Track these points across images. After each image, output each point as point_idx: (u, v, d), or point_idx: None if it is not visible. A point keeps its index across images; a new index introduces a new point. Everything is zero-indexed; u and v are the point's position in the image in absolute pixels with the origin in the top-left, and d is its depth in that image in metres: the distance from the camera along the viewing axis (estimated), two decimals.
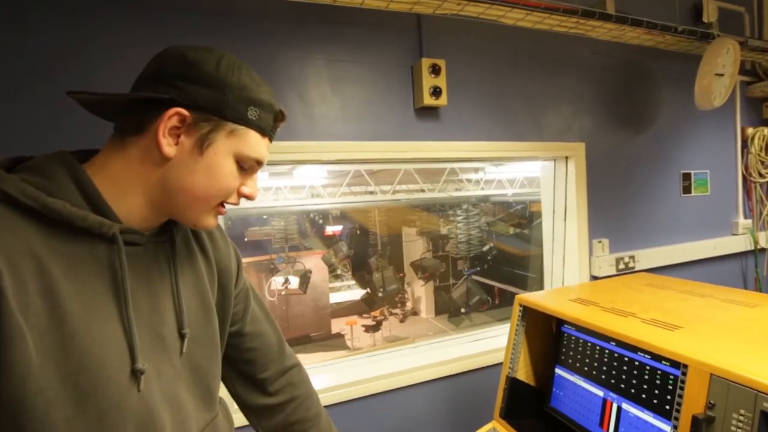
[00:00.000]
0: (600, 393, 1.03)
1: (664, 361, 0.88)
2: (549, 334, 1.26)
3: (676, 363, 0.83)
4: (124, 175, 0.53)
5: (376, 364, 1.68)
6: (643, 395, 0.92)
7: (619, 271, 1.90)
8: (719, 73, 1.74)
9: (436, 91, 1.47)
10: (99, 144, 0.58)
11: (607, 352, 1.03)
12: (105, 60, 1.14)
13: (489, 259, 7.54)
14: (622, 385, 0.97)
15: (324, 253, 7.83)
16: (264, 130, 0.57)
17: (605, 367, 1.03)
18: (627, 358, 0.97)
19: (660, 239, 2.06)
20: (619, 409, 0.98)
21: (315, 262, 7.72)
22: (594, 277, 1.88)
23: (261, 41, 1.32)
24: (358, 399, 1.53)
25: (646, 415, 0.91)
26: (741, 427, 0.69)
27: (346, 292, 8.98)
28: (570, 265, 1.91)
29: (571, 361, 1.14)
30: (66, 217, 0.47)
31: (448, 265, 8.59)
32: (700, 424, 0.73)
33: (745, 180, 2.30)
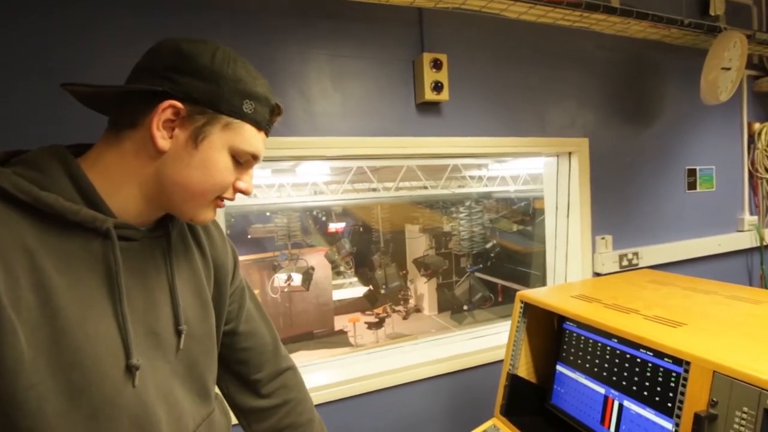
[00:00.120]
0: (601, 390, 1.02)
1: (666, 359, 0.87)
2: (550, 330, 1.25)
3: (679, 360, 0.82)
4: (119, 169, 0.53)
5: (377, 361, 1.67)
6: (645, 393, 0.91)
7: (622, 267, 1.88)
8: (726, 67, 1.72)
9: (438, 86, 1.46)
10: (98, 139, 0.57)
11: (609, 349, 1.02)
12: (103, 56, 1.13)
13: (492, 256, 7.51)
14: (624, 383, 0.97)
15: (327, 250, 7.83)
16: (260, 124, 0.57)
17: (607, 364, 1.02)
18: (629, 355, 0.96)
19: (664, 236, 2.04)
20: (620, 406, 0.97)
21: (318, 260, 7.72)
22: (597, 274, 1.86)
23: (261, 37, 1.31)
24: (359, 396, 1.53)
25: (648, 413, 0.90)
26: (744, 425, 0.68)
27: (348, 290, 8.99)
28: (573, 262, 1.89)
29: (572, 358, 1.13)
30: (59, 211, 0.47)
31: (450, 262, 8.57)
32: (703, 421, 0.72)
33: (751, 176, 2.27)
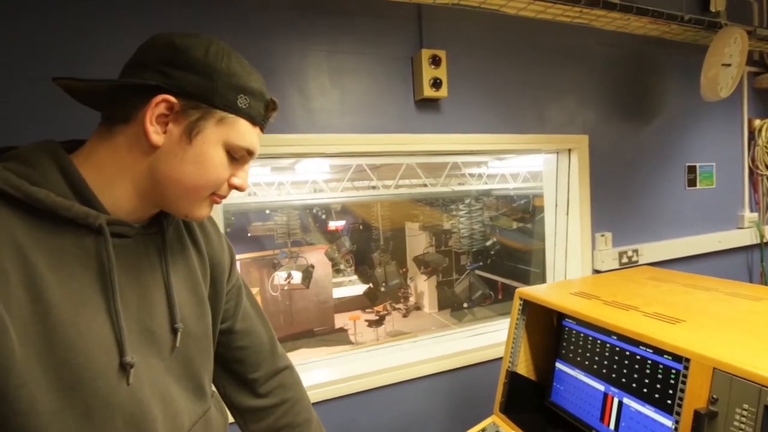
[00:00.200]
0: (601, 387, 1.02)
1: (666, 355, 0.86)
2: (550, 328, 1.24)
3: (678, 357, 0.81)
4: (112, 165, 0.52)
5: (377, 359, 1.67)
6: (645, 390, 0.90)
7: (622, 265, 1.88)
8: (726, 64, 1.71)
9: (437, 83, 1.45)
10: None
11: (608, 346, 1.02)
12: (103, 56, 1.12)
13: (492, 253, 7.51)
14: (624, 380, 0.96)
15: (327, 248, 7.83)
16: (254, 119, 0.56)
17: (606, 362, 1.02)
18: (628, 352, 0.96)
19: (664, 233, 2.03)
20: (620, 403, 0.96)
21: (318, 258, 7.72)
22: (596, 271, 1.86)
23: (260, 33, 1.31)
24: (359, 393, 1.52)
25: (648, 410, 0.89)
26: (744, 422, 0.68)
27: (348, 287, 8.99)
28: (572, 260, 1.89)
29: (571, 355, 1.13)
30: (50, 207, 0.46)
31: (450, 260, 8.57)
32: (703, 419, 0.72)
33: (751, 173, 2.27)
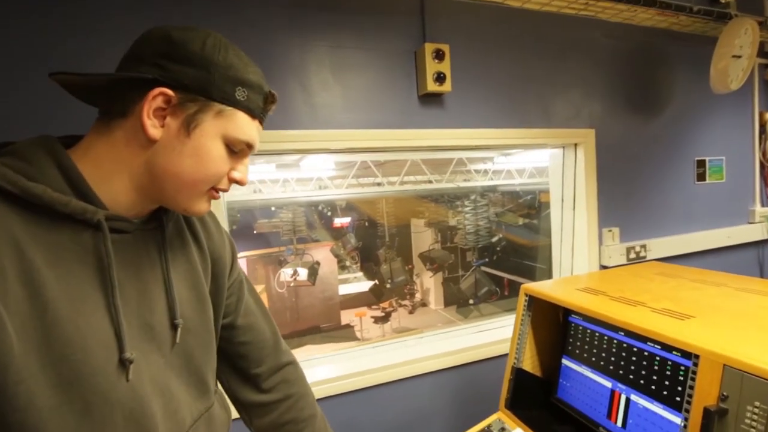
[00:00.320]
0: (608, 384, 1.01)
1: (674, 352, 0.85)
2: (556, 324, 1.23)
3: (688, 353, 0.80)
4: (110, 160, 0.51)
5: (382, 355, 1.67)
6: (653, 386, 0.89)
7: (629, 260, 1.86)
8: (736, 55, 1.67)
9: (440, 77, 1.44)
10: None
11: (616, 342, 1.00)
12: (103, 55, 1.12)
13: (498, 250, 7.48)
14: (631, 376, 0.95)
15: (332, 245, 7.85)
16: (253, 112, 0.55)
17: (613, 358, 1.00)
18: (636, 349, 0.95)
19: (673, 228, 2.00)
20: (627, 400, 0.95)
21: (324, 254, 7.75)
22: (603, 267, 1.84)
23: (261, 28, 1.30)
24: (363, 389, 1.52)
25: (656, 407, 0.88)
26: (756, 420, 0.66)
27: (354, 284, 9.01)
28: (579, 255, 1.87)
29: (578, 351, 1.11)
30: (47, 203, 0.46)
31: (456, 256, 8.55)
32: (713, 416, 0.70)
33: (762, 166, 2.22)
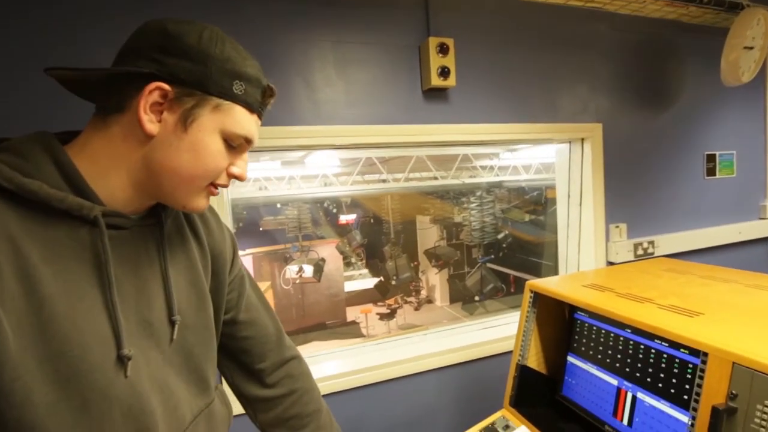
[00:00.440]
0: (614, 382, 0.99)
1: (682, 349, 0.83)
2: (561, 320, 1.22)
3: (696, 351, 0.78)
4: (106, 155, 0.51)
5: (387, 352, 1.66)
6: (660, 384, 0.88)
7: (637, 257, 1.83)
8: (748, 47, 1.64)
9: (445, 72, 1.42)
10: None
11: (622, 339, 0.99)
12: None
13: (504, 246, 7.44)
14: (638, 374, 0.93)
15: (338, 242, 7.87)
16: (251, 106, 0.55)
17: (620, 355, 0.99)
18: (643, 346, 0.93)
19: (681, 224, 1.97)
20: (634, 398, 0.94)
21: (329, 251, 7.77)
22: (611, 264, 1.82)
23: (263, 23, 1.29)
24: (367, 386, 1.52)
25: (663, 405, 0.86)
26: (766, 419, 0.65)
27: (359, 281, 9.03)
28: (585, 252, 1.85)
29: (584, 348, 1.10)
30: (43, 199, 0.45)
31: (462, 253, 8.53)
32: (721, 415, 0.69)
33: None
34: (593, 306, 1.02)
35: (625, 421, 0.95)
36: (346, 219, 8.58)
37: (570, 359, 1.14)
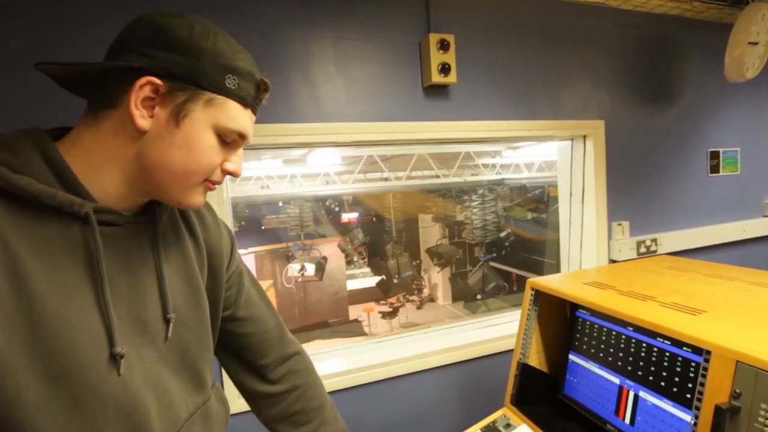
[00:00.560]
0: (616, 380, 0.98)
1: (685, 347, 0.82)
2: (563, 319, 1.21)
3: (699, 349, 0.77)
4: (98, 151, 0.50)
5: (389, 350, 1.66)
6: (662, 383, 0.87)
7: (640, 254, 1.82)
8: (753, 42, 1.62)
9: (445, 68, 1.41)
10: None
11: (624, 337, 0.98)
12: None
13: (506, 245, 7.43)
14: (640, 372, 0.92)
15: (339, 240, 7.87)
16: (245, 101, 0.54)
17: (622, 354, 0.98)
18: (645, 344, 0.92)
19: (685, 222, 1.96)
20: (636, 397, 0.93)
21: (331, 250, 7.77)
22: (613, 261, 1.80)
23: (263, 20, 1.28)
24: (369, 384, 1.52)
25: (665, 404, 0.85)
26: None
27: (361, 279, 9.03)
28: (588, 250, 1.83)
29: (585, 347, 1.09)
30: (32, 195, 0.45)
31: (464, 251, 8.51)
32: (724, 414, 0.68)
33: None
34: (595, 304, 1.01)
35: (627, 419, 0.94)
36: (348, 217, 8.58)
37: (571, 357, 1.13)
